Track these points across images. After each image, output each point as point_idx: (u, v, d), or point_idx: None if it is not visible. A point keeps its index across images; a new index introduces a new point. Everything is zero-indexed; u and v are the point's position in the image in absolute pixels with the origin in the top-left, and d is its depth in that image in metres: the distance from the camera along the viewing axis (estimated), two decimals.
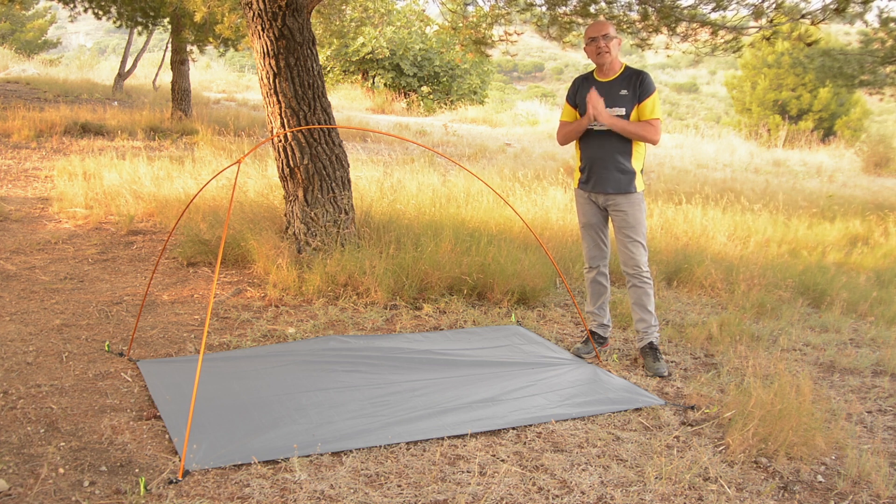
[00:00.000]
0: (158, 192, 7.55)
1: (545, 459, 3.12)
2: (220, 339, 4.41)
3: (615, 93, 4.16)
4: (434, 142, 14.34)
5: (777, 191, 10.85)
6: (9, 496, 2.65)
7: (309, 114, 5.71)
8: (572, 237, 6.70)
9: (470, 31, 8.06)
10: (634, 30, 7.08)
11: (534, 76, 61.62)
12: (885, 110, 30.60)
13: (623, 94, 4.14)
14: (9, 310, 4.62)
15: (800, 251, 7.56)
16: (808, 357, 4.76)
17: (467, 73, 24.16)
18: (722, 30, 6.95)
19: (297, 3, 5.63)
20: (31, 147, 10.51)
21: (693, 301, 5.91)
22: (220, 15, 10.57)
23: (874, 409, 3.95)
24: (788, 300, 5.87)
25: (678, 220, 8.07)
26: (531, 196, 8.42)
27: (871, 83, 11.58)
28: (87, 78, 20.33)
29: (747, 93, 24.16)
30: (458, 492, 2.82)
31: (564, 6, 7.05)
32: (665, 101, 53.66)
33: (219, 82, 24.03)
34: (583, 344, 4.55)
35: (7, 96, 14.31)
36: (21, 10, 21.61)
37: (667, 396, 3.92)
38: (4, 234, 6.35)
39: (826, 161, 16.91)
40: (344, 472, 2.92)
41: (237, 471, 2.89)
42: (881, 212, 9.56)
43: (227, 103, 17.94)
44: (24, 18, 26.93)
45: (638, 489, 2.92)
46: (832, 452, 3.34)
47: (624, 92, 4.14)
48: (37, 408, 3.33)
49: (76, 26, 48.49)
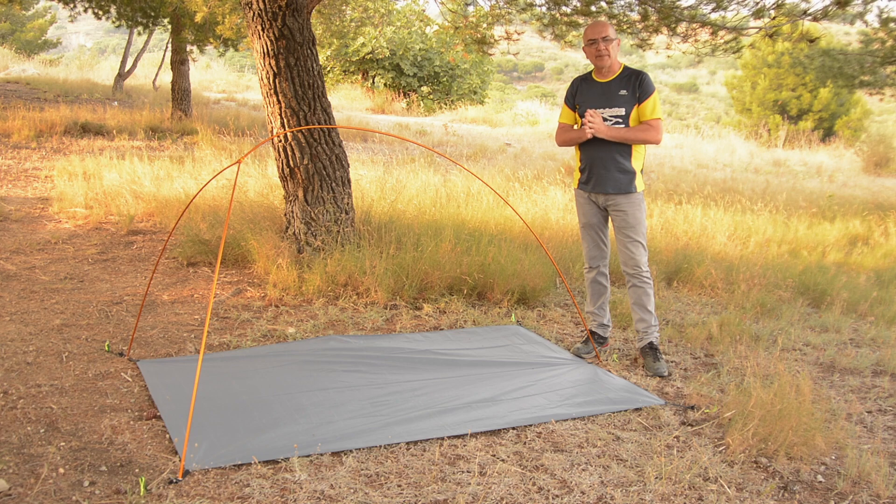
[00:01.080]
0: (158, 192, 7.55)
1: (545, 459, 3.12)
2: (220, 339, 4.41)
3: (614, 93, 4.16)
4: (434, 142, 14.34)
5: (777, 191, 10.85)
6: (9, 496, 2.65)
7: (309, 114, 5.72)
8: (572, 237, 6.70)
9: (470, 30, 8.06)
10: (635, 30, 7.08)
11: (534, 76, 61.63)
12: (886, 110, 30.61)
13: (622, 94, 4.14)
14: (9, 310, 4.62)
15: (800, 251, 7.56)
16: (808, 357, 4.76)
17: (467, 73, 24.17)
18: (722, 30, 6.95)
19: (297, 3, 5.63)
20: (31, 147, 10.51)
21: (693, 301, 5.91)
22: (220, 15, 10.57)
23: (874, 409, 3.95)
24: (788, 300, 5.87)
25: (678, 220, 8.08)
26: (531, 196, 8.42)
27: (872, 83, 11.58)
28: (87, 78, 20.33)
29: (747, 93, 24.16)
30: (458, 492, 2.82)
31: (565, 6, 7.05)
32: (665, 101, 53.68)
33: (219, 82, 24.03)
34: (583, 344, 4.55)
35: (7, 96, 14.31)
36: (21, 10, 21.62)
37: (667, 396, 3.92)
38: (4, 234, 6.35)
39: (826, 161, 16.91)
40: (344, 472, 2.92)
41: (237, 471, 2.89)
42: (881, 212, 9.56)
43: (227, 103, 17.94)
44: (24, 18, 26.94)
45: (638, 489, 2.92)
46: (832, 452, 3.34)
47: (623, 92, 4.14)
48: (37, 408, 3.33)
49: (76, 26, 48.51)
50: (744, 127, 23.59)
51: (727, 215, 8.46)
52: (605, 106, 4.15)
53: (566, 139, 4.39)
